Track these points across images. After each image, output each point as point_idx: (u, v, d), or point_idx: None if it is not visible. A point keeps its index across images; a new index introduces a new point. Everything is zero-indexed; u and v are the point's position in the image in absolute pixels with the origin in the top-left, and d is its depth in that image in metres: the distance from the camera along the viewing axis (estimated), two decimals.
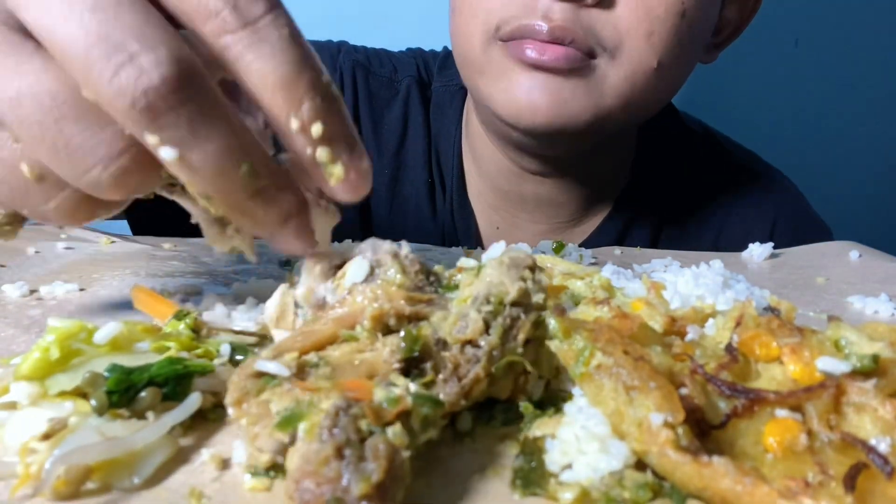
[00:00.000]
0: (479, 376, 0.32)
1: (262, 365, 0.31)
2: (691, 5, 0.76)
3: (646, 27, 0.75)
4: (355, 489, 0.26)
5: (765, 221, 1.02)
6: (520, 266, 0.36)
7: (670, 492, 0.29)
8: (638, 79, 0.77)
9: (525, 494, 0.30)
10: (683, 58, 0.80)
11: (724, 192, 1.03)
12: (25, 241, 0.66)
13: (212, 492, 0.29)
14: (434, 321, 0.34)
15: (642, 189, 1.00)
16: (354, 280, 0.36)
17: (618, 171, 1.00)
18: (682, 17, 0.76)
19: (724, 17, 0.90)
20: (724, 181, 1.04)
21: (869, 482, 0.28)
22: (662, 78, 0.79)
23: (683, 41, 0.78)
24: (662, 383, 0.30)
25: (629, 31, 0.75)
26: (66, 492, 0.28)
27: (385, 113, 1.01)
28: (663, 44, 0.76)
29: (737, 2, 0.90)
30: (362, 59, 1.03)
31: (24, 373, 0.34)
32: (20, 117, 0.32)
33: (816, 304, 0.60)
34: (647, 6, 0.74)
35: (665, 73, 0.79)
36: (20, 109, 0.32)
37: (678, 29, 0.76)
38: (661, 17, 0.75)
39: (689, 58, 0.83)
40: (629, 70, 0.77)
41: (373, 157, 0.97)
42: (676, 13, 0.75)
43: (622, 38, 0.75)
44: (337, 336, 0.34)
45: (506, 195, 0.98)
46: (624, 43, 0.75)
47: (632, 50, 0.75)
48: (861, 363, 0.31)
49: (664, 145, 1.02)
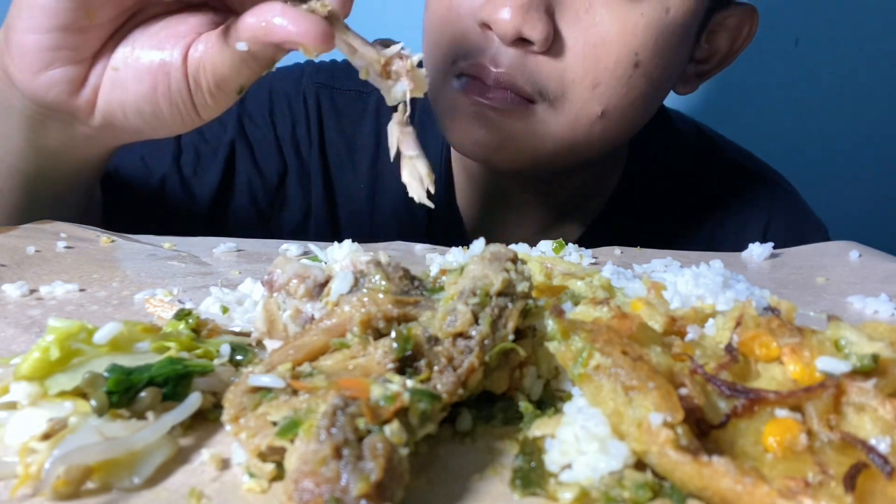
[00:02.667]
0: (474, 365, 0.33)
1: (256, 380, 0.31)
2: (647, 56, 0.75)
3: (591, 78, 0.74)
4: (354, 489, 0.26)
5: (758, 220, 1.02)
6: (501, 259, 0.37)
7: (670, 492, 0.29)
8: (580, 125, 0.77)
9: (525, 494, 0.30)
10: (639, 101, 0.79)
11: (717, 192, 1.03)
12: (25, 240, 0.66)
13: (211, 492, 0.29)
14: (423, 321, 0.34)
15: (633, 191, 1.00)
16: (340, 292, 0.36)
17: (607, 177, 1.00)
18: (634, 68, 0.75)
19: (712, 46, 0.88)
20: (716, 181, 1.03)
21: (869, 482, 0.28)
22: (611, 122, 0.78)
23: (635, 89, 0.76)
24: (661, 383, 0.30)
25: (574, 81, 0.74)
26: (66, 492, 0.28)
27: (357, 129, 1.01)
28: (609, 93, 0.75)
29: (729, 31, 0.88)
30: (325, 78, 1.03)
31: (24, 373, 0.34)
32: None
33: (816, 304, 0.60)
34: (596, 57, 0.73)
35: (614, 118, 0.78)
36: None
37: (629, 79, 0.75)
38: (610, 68, 0.74)
39: (647, 100, 0.81)
40: (570, 117, 0.76)
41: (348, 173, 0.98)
42: (629, 64, 0.74)
43: (565, 88, 0.75)
44: (328, 346, 0.34)
45: (493, 198, 0.99)
46: (567, 92, 0.75)
47: (574, 100, 0.75)
48: (861, 363, 0.31)
49: (655, 147, 1.02)
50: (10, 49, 0.57)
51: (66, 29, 0.55)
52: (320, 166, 1.00)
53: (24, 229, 0.70)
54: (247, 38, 0.53)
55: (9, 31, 0.57)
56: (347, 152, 1.01)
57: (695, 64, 0.89)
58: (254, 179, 0.97)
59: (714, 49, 0.88)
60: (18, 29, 0.55)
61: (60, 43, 0.55)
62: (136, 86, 0.58)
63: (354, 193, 1.01)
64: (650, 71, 0.76)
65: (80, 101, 0.59)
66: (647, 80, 0.76)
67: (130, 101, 0.58)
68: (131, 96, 0.58)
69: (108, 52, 0.58)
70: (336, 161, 1.00)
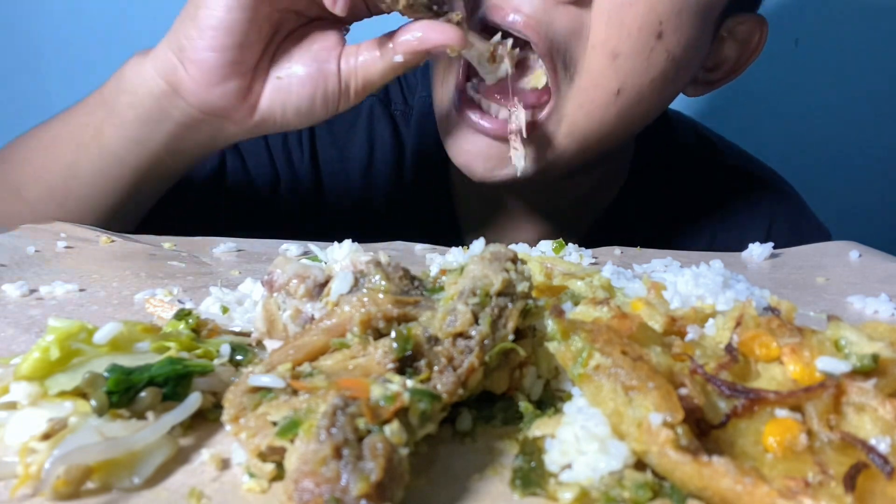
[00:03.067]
0: (474, 365, 0.33)
1: (256, 380, 0.31)
2: (670, 28, 0.72)
3: (613, 44, 0.71)
4: (354, 489, 0.26)
5: (760, 225, 1.01)
6: (501, 259, 0.37)
7: (670, 492, 0.29)
8: (596, 108, 0.75)
9: (525, 494, 0.30)
10: (659, 83, 0.75)
11: (718, 196, 1.02)
12: (25, 240, 0.66)
13: (211, 492, 0.29)
14: (423, 321, 0.34)
15: (634, 196, 1.00)
16: (340, 292, 0.36)
17: (610, 181, 1.00)
18: (657, 39, 0.72)
19: (721, 54, 0.86)
20: (717, 185, 1.02)
21: (869, 482, 0.28)
22: (626, 105, 0.75)
23: (655, 66, 0.74)
24: (661, 383, 0.30)
25: (594, 46, 0.72)
26: (66, 492, 0.28)
27: (348, 137, 1.00)
28: (629, 66, 0.73)
29: (737, 40, 0.86)
30: None
31: (24, 373, 0.34)
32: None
33: (816, 304, 0.60)
34: (621, 19, 0.71)
35: (631, 99, 0.75)
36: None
37: (651, 51, 0.72)
38: (634, 35, 0.71)
39: (665, 83, 0.77)
40: (587, 94, 0.74)
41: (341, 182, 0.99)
42: (652, 32, 0.71)
43: (584, 54, 0.72)
44: (328, 346, 0.34)
45: (491, 207, 0.99)
46: (584, 60, 0.72)
47: (591, 70, 0.73)
48: (861, 363, 0.31)
49: (656, 151, 1.01)
50: (188, 67, 0.68)
51: (241, 46, 0.67)
52: (312, 175, 0.99)
53: (24, 229, 0.70)
54: (403, 52, 0.67)
55: (184, 52, 0.68)
56: (339, 161, 1.00)
57: (704, 71, 0.87)
58: (245, 188, 0.98)
59: (723, 57, 0.87)
60: (198, 48, 0.67)
61: (237, 58, 0.68)
62: (299, 90, 0.71)
63: (345, 200, 1.01)
64: (672, 48, 0.73)
65: (246, 105, 0.71)
66: (668, 57, 0.74)
67: (292, 102, 0.71)
68: (294, 98, 0.71)
69: (263, 63, 0.71)
70: (327, 169, 1.00)
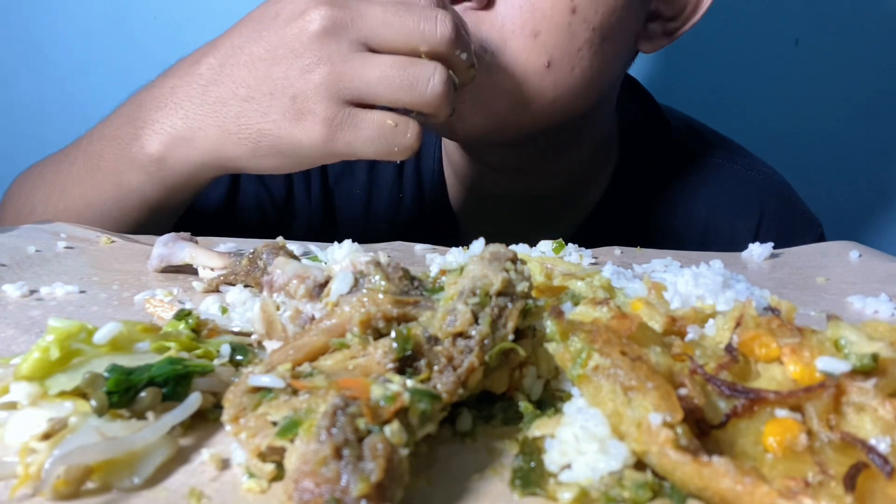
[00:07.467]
0: (474, 365, 0.33)
1: (256, 380, 0.31)
2: (584, 2, 0.76)
3: (531, 27, 0.75)
4: (354, 489, 0.26)
5: (751, 215, 1.02)
6: (501, 258, 0.37)
7: (670, 492, 0.29)
8: (529, 78, 0.77)
9: (524, 494, 0.30)
10: (587, 51, 0.78)
11: (708, 188, 1.03)
12: (25, 240, 0.66)
13: (211, 492, 0.29)
14: (423, 321, 0.34)
15: (625, 187, 1.01)
16: (340, 292, 0.36)
17: (597, 171, 1.01)
18: (572, 14, 0.76)
19: (676, 3, 0.87)
20: (708, 174, 1.03)
21: (869, 482, 0.28)
22: (561, 74, 0.78)
23: (578, 37, 0.77)
24: (660, 383, 0.30)
25: (514, 31, 0.75)
26: (66, 492, 0.28)
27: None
28: (552, 41, 0.76)
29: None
30: None
31: (24, 373, 0.34)
32: (383, 79, 0.64)
33: (816, 304, 0.60)
34: (532, 5, 0.74)
35: (564, 69, 0.78)
36: (385, 80, 0.64)
37: (569, 26, 0.76)
38: (547, 15, 0.75)
39: (595, 50, 0.79)
40: (517, 69, 0.77)
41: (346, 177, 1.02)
42: (565, 9, 0.75)
43: (506, 39, 0.75)
44: (328, 346, 0.34)
45: (484, 197, 1.00)
46: (508, 42, 0.76)
47: (516, 49, 0.76)
48: (861, 363, 0.31)
49: (645, 144, 1.02)
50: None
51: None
52: (320, 174, 1.02)
53: (24, 229, 0.70)
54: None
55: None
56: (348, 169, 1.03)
57: (661, 22, 0.89)
58: (261, 195, 1.00)
59: (681, 4, 0.88)
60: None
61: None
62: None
63: (352, 200, 1.03)
64: (589, 17, 0.77)
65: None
66: (588, 26, 0.77)
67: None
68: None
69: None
70: (334, 168, 1.02)
